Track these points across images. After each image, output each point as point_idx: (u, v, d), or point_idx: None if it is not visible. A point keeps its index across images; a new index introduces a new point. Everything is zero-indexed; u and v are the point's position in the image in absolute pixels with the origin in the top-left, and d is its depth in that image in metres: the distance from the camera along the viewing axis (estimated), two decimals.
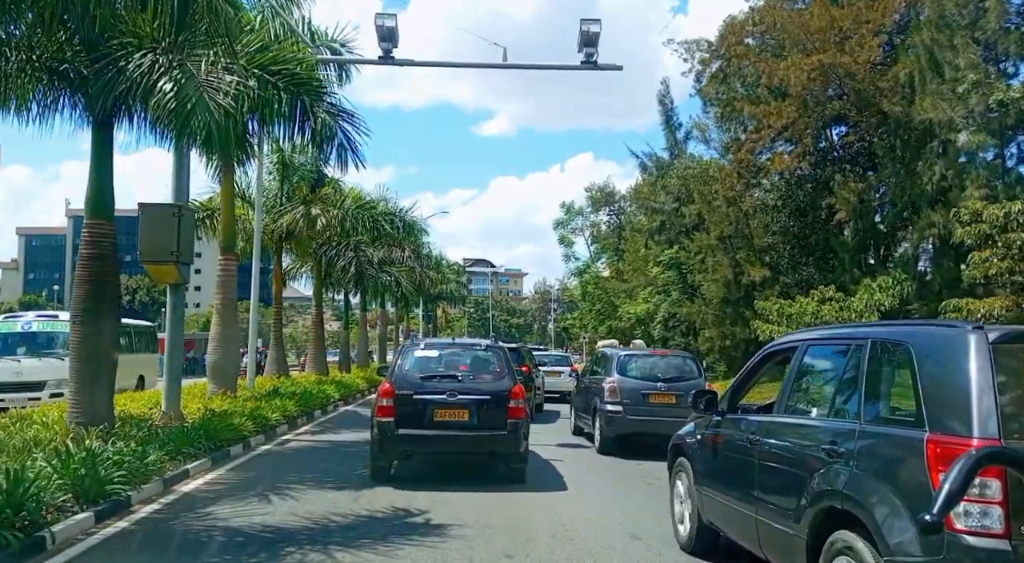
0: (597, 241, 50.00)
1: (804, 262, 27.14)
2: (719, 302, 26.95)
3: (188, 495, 8.10)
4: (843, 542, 3.78)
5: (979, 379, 3.41)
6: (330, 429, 14.62)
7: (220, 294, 16.04)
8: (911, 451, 3.55)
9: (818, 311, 19.92)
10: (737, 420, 5.42)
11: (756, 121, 25.23)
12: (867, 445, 3.89)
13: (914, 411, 3.67)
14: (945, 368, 3.63)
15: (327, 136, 11.66)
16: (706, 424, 5.86)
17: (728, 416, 5.58)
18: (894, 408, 4.04)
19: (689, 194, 30.81)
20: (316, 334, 26.13)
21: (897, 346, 4.07)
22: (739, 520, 5.07)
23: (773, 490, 4.66)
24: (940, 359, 3.70)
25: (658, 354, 14.29)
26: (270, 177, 21.00)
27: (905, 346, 3.95)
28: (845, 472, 3.90)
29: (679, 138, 33.89)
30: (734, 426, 5.40)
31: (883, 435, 3.86)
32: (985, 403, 3.33)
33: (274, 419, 13.23)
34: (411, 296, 34.05)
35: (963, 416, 3.38)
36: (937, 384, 3.63)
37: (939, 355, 3.72)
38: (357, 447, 12.10)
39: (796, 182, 27.43)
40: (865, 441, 3.91)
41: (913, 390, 3.72)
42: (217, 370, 15.66)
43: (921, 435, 3.51)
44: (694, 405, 5.93)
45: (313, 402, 16.74)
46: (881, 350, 4.17)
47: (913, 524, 3.33)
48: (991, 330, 3.58)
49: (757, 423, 5.06)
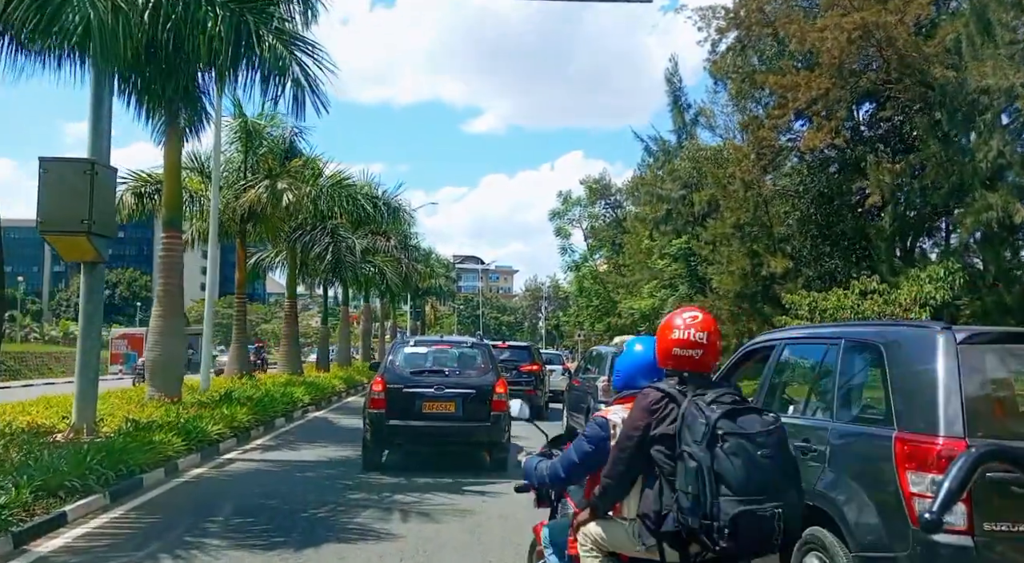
0: (594, 236, 47.40)
1: (828, 253, 24.67)
2: (734, 296, 24.43)
3: (41, 561, 5.48)
4: (815, 538, 3.83)
5: (946, 379, 3.48)
6: (289, 443, 12.00)
7: (162, 279, 13.41)
8: (880, 450, 3.60)
9: (858, 305, 17.44)
10: None
11: (779, 95, 22.69)
12: (839, 444, 3.98)
13: (884, 410, 3.76)
14: (914, 368, 3.69)
15: (279, 69, 9.07)
16: None
17: None
18: (865, 407, 4.12)
19: (700, 179, 28.31)
20: (288, 329, 23.47)
21: (869, 346, 4.12)
22: None
23: None
24: (909, 359, 3.75)
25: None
26: (231, 147, 18.32)
27: (876, 346, 3.99)
28: (818, 470, 3.97)
29: (688, 120, 31.31)
30: None
31: (854, 434, 3.95)
32: (952, 403, 3.41)
33: (215, 433, 10.60)
34: (397, 290, 31.38)
35: (930, 415, 3.45)
36: (906, 383, 3.68)
37: (908, 355, 3.77)
38: (317, 470, 9.52)
39: (819, 165, 24.99)
40: (837, 439, 4.00)
41: (883, 389, 3.80)
42: (157, 371, 13.03)
43: (890, 434, 3.56)
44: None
45: (274, 408, 14.11)
46: (854, 350, 4.24)
47: (882, 521, 3.46)
48: (959, 330, 3.67)
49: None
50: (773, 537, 2.54)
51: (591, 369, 13.31)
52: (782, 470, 2.59)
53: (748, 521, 2.47)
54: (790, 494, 2.60)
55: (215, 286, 16.06)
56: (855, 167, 22.96)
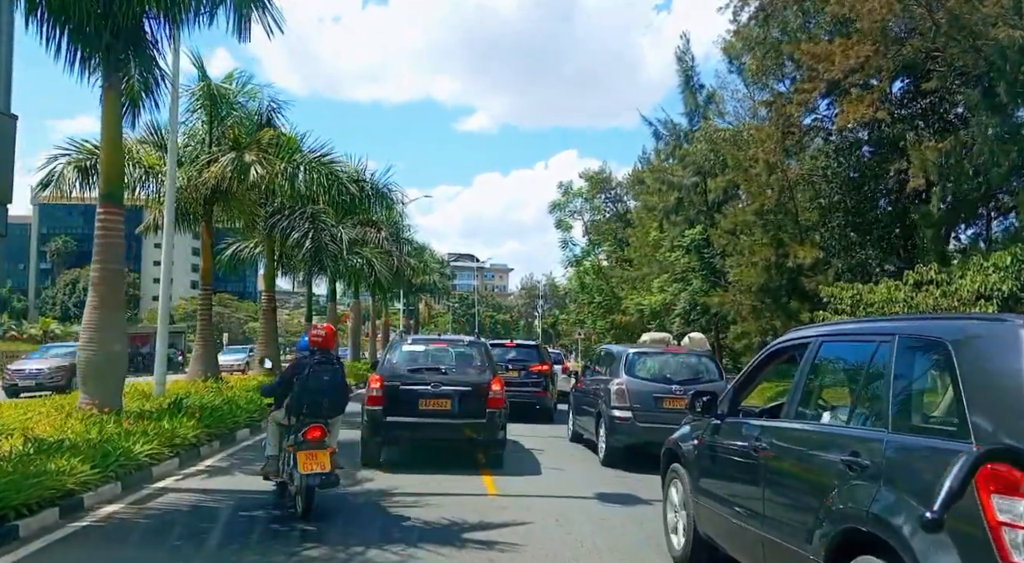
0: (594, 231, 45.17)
1: (860, 242, 22.53)
2: (757, 290, 22.25)
3: None
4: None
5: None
6: (247, 462, 9.72)
7: (99, 263, 11.13)
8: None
9: (910, 298, 15.26)
10: (739, 424, 4.94)
11: (807, 68, 20.52)
12: (897, 459, 3.37)
13: (955, 420, 3.15)
14: (992, 369, 3.11)
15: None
16: (704, 428, 5.37)
17: (729, 419, 5.09)
18: (930, 415, 3.55)
19: (717, 162, 26.13)
20: (266, 326, 21.15)
21: (933, 343, 3.48)
22: (741, 537, 4.61)
23: (782, 506, 4.18)
24: (985, 358, 3.17)
25: (670, 352, 11.94)
26: (193, 116, 16.03)
27: (942, 343, 3.36)
28: (871, 489, 3.35)
29: (700, 101, 29.07)
30: (736, 431, 4.91)
31: (917, 447, 3.33)
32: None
33: (146, 453, 8.32)
34: (388, 284, 29.08)
35: (1017, 427, 2.83)
36: (983, 388, 3.09)
37: (984, 354, 3.19)
38: (267, 507, 7.24)
39: (848, 147, 22.85)
40: (895, 453, 3.38)
41: (955, 395, 3.18)
42: (90, 375, 10.73)
43: (966, 448, 2.86)
44: (691, 406, 5.42)
45: (235, 418, 11.83)
46: (913, 348, 3.61)
47: (962, 556, 2.81)
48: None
49: (763, 429, 4.56)
50: (323, 411, 7.00)
51: (600, 370, 12.09)
52: (330, 385, 7.01)
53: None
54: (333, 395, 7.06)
55: (168, 272, 13.77)
56: (892, 147, 20.82)
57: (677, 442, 5.86)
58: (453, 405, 9.31)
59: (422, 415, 9.25)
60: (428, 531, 6.43)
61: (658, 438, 9.48)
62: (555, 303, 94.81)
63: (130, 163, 15.11)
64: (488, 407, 9.34)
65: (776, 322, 22.02)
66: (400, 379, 9.43)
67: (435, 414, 9.25)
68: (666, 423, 9.55)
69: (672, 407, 10.10)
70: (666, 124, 30.96)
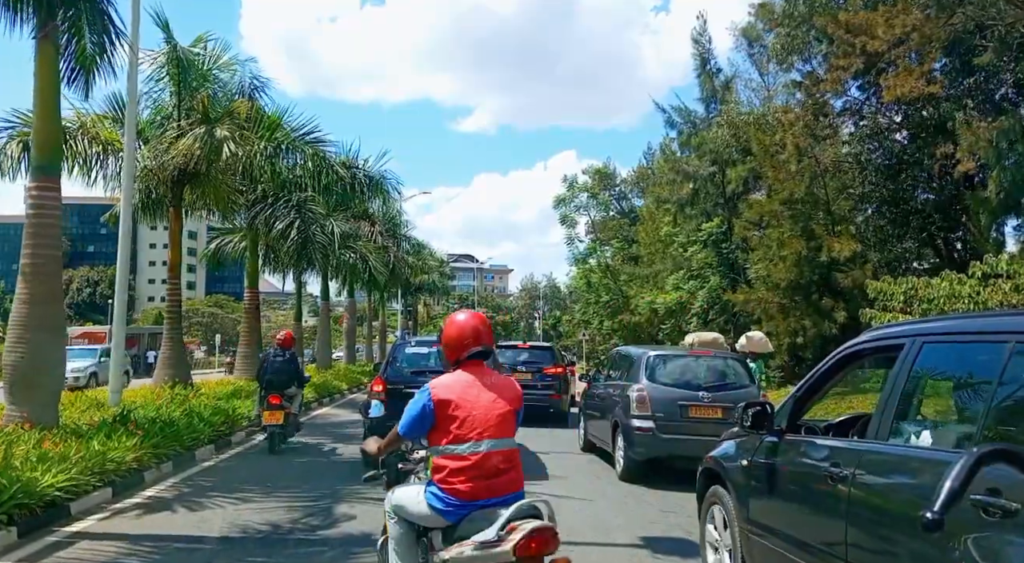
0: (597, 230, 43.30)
1: (897, 234, 20.68)
2: (786, 287, 20.38)
3: None
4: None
5: None
6: (199, 493, 7.84)
7: (29, 249, 9.30)
8: None
9: (976, 294, 13.41)
10: (805, 443, 4.14)
11: (843, 42, 18.68)
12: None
13: None
14: None
15: None
16: (755, 446, 4.52)
17: (789, 437, 4.28)
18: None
19: (736, 149, 24.26)
20: (248, 326, 19.28)
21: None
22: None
23: (881, 553, 3.25)
24: None
25: (694, 355, 10.66)
26: (159, 86, 14.16)
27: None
28: (1017, 545, 2.49)
29: (718, 85, 27.19)
30: (801, 451, 4.13)
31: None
32: None
33: (59, 486, 6.44)
34: (382, 280, 27.16)
35: None
36: None
37: None
38: None
39: (884, 131, 21.02)
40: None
41: None
42: (18, 381, 8.90)
43: None
44: (740, 420, 4.58)
45: (193, 434, 9.91)
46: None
47: None
48: None
49: (844, 451, 3.72)
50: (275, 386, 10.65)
51: (614, 374, 11.10)
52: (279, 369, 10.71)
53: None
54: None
55: (126, 264, 11.91)
56: (937, 129, 18.97)
57: (719, 461, 5.00)
58: None
59: None
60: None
61: (684, 451, 8.82)
62: (556, 304, 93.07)
63: (85, 139, 13.29)
64: None
65: (806, 321, 20.16)
66: (404, 382, 9.20)
67: None
68: (692, 434, 8.92)
69: (699, 416, 9.20)
70: (680, 111, 29.08)
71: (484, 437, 3.30)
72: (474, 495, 3.26)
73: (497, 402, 3.40)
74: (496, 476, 3.30)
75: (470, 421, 3.31)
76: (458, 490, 3.26)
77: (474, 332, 3.51)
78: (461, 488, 3.26)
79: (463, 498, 3.26)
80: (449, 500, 3.28)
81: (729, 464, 4.85)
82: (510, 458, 3.38)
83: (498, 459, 3.31)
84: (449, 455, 3.31)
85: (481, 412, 3.34)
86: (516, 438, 3.49)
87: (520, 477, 3.42)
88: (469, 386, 3.39)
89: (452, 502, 3.27)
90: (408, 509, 3.47)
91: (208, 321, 79.28)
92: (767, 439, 4.42)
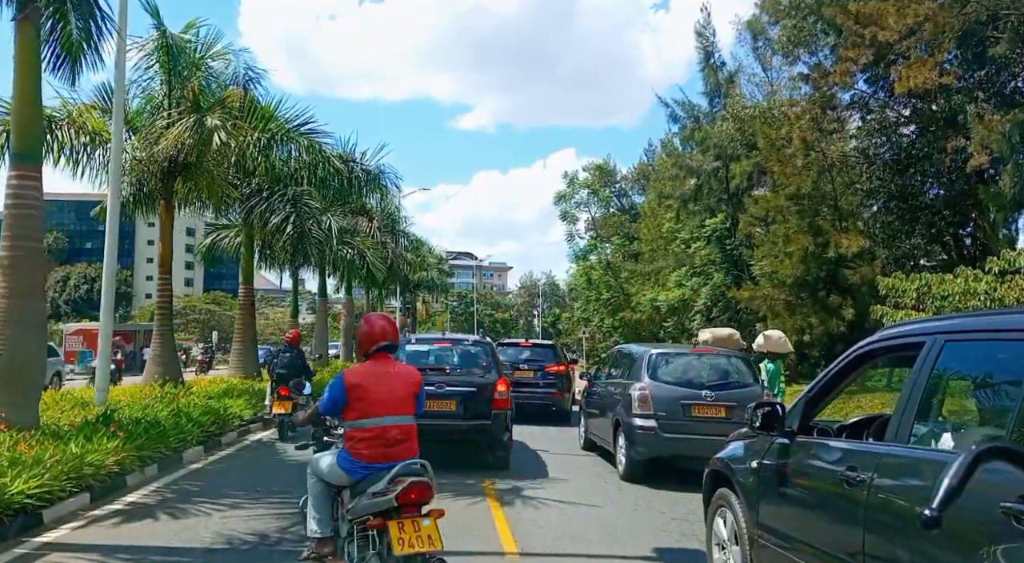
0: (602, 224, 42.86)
1: (906, 230, 20.28)
2: (792, 283, 19.97)
3: None
4: None
5: None
6: (183, 499, 7.41)
7: (7, 241, 8.85)
8: None
9: (992, 290, 12.99)
10: (819, 445, 4.00)
11: (852, 33, 18.26)
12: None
13: None
14: None
15: None
16: (765, 448, 4.35)
17: (801, 438, 4.12)
18: None
19: (741, 144, 23.84)
20: (243, 322, 18.85)
21: None
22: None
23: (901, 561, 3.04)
24: None
25: (696, 353, 10.63)
26: (149, 74, 13.70)
27: None
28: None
29: (722, 79, 26.72)
30: (814, 454, 3.97)
31: None
32: None
33: (29, 493, 6.01)
34: (381, 277, 26.71)
35: None
36: None
37: None
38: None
39: (892, 124, 20.63)
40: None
41: None
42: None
43: None
44: (749, 421, 4.39)
45: (180, 436, 9.47)
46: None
47: None
48: None
49: (861, 453, 3.57)
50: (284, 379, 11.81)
51: (615, 373, 10.94)
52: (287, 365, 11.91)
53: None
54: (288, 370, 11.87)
55: (113, 257, 11.47)
56: (947, 123, 18.58)
57: (727, 463, 4.86)
58: (458, 406, 9.05)
59: (426, 417, 8.48)
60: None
61: (687, 450, 8.77)
62: (555, 301, 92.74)
63: (72, 129, 12.85)
64: (494, 409, 9.10)
65: (813, 319, 19.75)
66: None
67: (439, 416, 8.79)
68: (696, 433, 8.83)
69: (702, 415, 9.07)
70: (684, 105, 28.59)
71: (385, 414, 4.11)
72: (374, 459, 4.07)
73: (398, 386, 4.20)
74: (394, 445, 4.10)
75: (375, 401, 4.10)
76: (363, 454, 4.09)
77: (382, 330, 4.33)
78: (365, 453, 4.09)
79: (366, 461, 4.09)
80: (355, 462, 4.12)
81: (738, 466, 4.72)
82: (407, 432, 4.19)
83: (396, 432, 4.13)
84: (358, 428, 4.13)
85: (384, 394, 4.13)
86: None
87: (414, 447, 4.21)
88: (376, 373, 4.20)
89: (357, 464, 4.12)
90: (323, 470, 4.34)
91: (205, 318, 78.76)
92: (778, 441, 4.26)
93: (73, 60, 11.84)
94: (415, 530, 3.83)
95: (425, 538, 3.83)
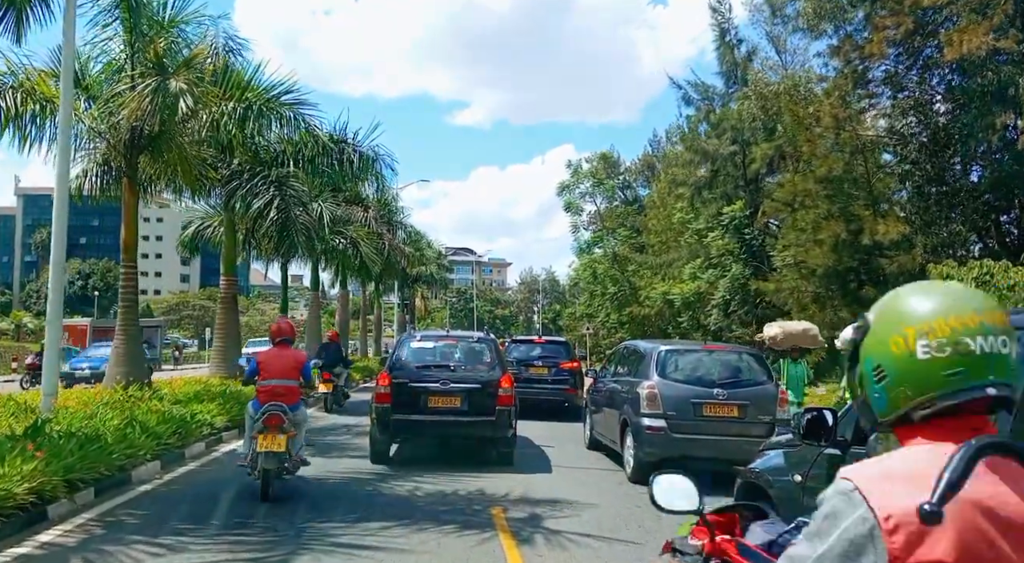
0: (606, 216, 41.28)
1: (945, 216, 18.71)
2: (822, 274, 18.42)
3: None
4: None
5: None
6: (119, 535, 5.82)
7: None
8: None
9: None
10: None
11: (890, 1, 16.70)
12: None
13: None
14: None
15: None
16: (811, 459, 4.03)
17: (856, 450, 3.45)
18: None
19: (760, 126, 22.25)
20: (224, 318, 17.26)
21: None
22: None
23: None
24: None
25: (707, 349, 10.32)
26: (106, 34, 12.06)
27: None
28: None
29: (739, 57, 25.11)
30: None
31: None
32: None
33: None
34: (373, 266, 25.09)
35: None
36: None
37: None
38: None
39: (928, 102, 19.05)
40: None
41: None
42: None
43: None
44: (794, 429, 3.86)
45: (128, 452, 7.87)
46: None
47: None
48: None
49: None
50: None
51: (622, 370, 10.66)
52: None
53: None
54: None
55: (62, 248, 9.86)
56: (995, 97, 16.98)
57: (762, 475, 4.55)
58: (463, 403, 9.17)
59: (431, 413, 9.18)
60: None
61: (698, 451, 8.55)
62: (555, 297, 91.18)
63: (18, 94, 11.25)
64: (498, 405, 9.17)
65: (844, 312, 18.20)
66: (408, 376, 9.34)
67: (444, 412, 9.14)
68: (707, 433, 8.72)
69: (714, 414, 8.84)
70: (698, 87, 26.97)
71: (274, 377, 7.35)
72: (265, 402, 7.20)
73: (286, 362, 7.44)
74: (279, 396, 7.22)
75: (271, 370, 7.38)
76: (260, 400, 7.27)
77: (279, 330, 7.80)
78: (261, 399, 7.28)
79: (261, 403, 7.23)
80: (256, 404, 7.30)
81: (776, 478, 4.41)
82: (289, 388, 7.37)
83: (280, 388, 7.31)
84: (261, 386, 7.39)
85: (277, 368, 7.39)
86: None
87: (294, 398, 7.40)
88: (275, 355, 7.51)
89: (256, 406, 7.27)
90: (249, 410, 7.45)
91: (199, 314, 77.21)
92: (827, 452, 3.80)
93: (18, 11, 10.35)
94: (272, 440, 6.89)
95: (275, 444, 6.88)
